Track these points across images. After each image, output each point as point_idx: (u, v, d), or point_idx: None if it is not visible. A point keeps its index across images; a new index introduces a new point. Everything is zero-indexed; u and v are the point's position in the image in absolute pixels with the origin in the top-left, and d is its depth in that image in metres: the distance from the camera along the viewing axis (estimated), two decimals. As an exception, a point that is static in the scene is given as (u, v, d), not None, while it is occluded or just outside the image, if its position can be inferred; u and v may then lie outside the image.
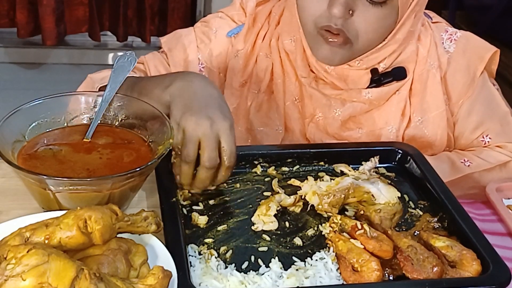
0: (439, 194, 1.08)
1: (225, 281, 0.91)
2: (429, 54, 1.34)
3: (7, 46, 3.55)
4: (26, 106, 1.07)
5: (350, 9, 1.19)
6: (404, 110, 1.33)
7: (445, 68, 1.35)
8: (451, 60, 1.35)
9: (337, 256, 0.96)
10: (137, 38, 3.59)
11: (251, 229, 1.03)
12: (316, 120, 1.35)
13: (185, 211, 1.05)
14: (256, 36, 1.39)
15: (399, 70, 1.32)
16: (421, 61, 1.33)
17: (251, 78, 1.39)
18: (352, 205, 1.08)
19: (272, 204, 1.05)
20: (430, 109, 1.34)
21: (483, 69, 1.36)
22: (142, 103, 1.12)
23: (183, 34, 1.42)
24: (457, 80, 1.35)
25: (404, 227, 1.05)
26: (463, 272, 0.92)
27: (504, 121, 1.37)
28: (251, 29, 1.39)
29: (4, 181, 1.13)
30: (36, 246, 0.78)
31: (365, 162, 1.12)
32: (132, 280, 0.81)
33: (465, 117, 1.36)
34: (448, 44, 1.37)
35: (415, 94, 1.34)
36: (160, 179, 1.08)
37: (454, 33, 1.38)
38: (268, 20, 1.40)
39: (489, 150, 1.34)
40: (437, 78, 1.33)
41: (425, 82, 1.33)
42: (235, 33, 1.40)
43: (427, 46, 1.34)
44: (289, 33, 1.34)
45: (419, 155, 1.18)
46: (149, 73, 1.37)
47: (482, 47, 1.38)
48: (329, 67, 1.30)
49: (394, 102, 1.33)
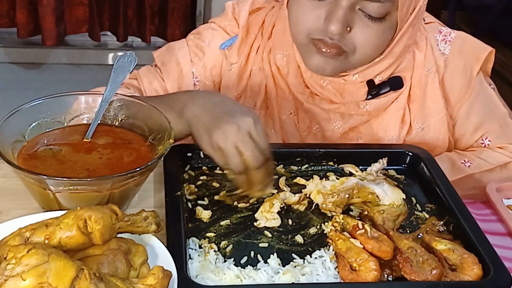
0: (446, 198, 1.07)
1: (222, 275, 0.92)
2: (426, 58, 1.32)
3: (7, 46, 3.55)
4: (26, 106, 1.07)
5: (348, 26, 1.16)
6: (403, 118, 1.32)
7: (442, 72, 1.33)
8: (448, 62, 1.34)
9: (336, 254, 0.97)
10: (137, 38, 3.59)
11: (253, 225, 1.03)
12: (314, 132, 1.33)
13: (190, 205, 1.06)
14: (250, 49, 1.36)
15: (396, 80, 1.30)
16: (419, 66, 1.32)
17: (245, 92, 1.37)
18: (357, 206, 1.08)
19: (276, 201, 1.06)
20: (431, 114, 1.33)
21: (479, 69, 1.35)
22: (142, 103, 1.12)
23: (176, 48, 1.40)
24: (455, 82, 1.34)
25: (408, 229, 1.05)
26: (463, 276, 0.92)
27: (503, 122, 1.36)
28: (244, 40, 1.36)
29: (4, 181, 1.13)
30: (36, 246, 0.78)
31: (374, 163, 1.13)
32: (132, 280, 0.81)
33: (464, 119, 1.36)
34: (443, 46, 1.35)
35: (414, 100, 1.32)
36: (167, 172, 1.09)
37: (448, 34, 1.36)
38: (261, 30, 1.37)
39: (490, 151, 1.33)
40: (436, 83, 1.32)
41: (424, 87, 1.32)
42: (228, 45, 1.37)
43: (424, 50, 1.32)
44: (281, 48, 1.32)
45: (430, 158, 1.18)
46: (142, 89, 1.35)
47: (477, 47, 1.37)
48: (324, 82, 1.28)
49: (393, 111, 1.32)
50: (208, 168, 1.15)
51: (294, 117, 1.34)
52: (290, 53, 1.32)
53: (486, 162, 1.30)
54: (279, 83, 1.34)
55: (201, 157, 1.16)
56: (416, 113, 1.32)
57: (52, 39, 3.33)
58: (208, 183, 1.12)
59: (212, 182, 1.13)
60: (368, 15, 1.16)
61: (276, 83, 1.34)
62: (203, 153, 1.15)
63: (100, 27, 3.48)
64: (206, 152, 1.07)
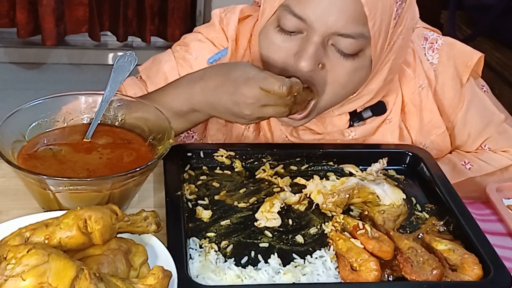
0: (446, 198, 1.07)
1: (222, 275, 0.92)
2: (417, 74, 1.28)
3: (7, 46, 3.55)
4: (26, 106, 1.07)
5: (320, 63, 1.11)
6: (401, 135, 1.28)
7: (434, 84, 1.30)
8: (438, 73, 1.30)
9: (336, 254, 0.97)
10: (137, 38, 3.59)
11: (254, 225, 1.03)
12: None
13: (190, 205, 1.06)
14: None
15: (378, 105, 1.26)
16: (410, 83, 1.28)
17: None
18: (357, 206, 1.08)
19: (277, 201, 1.06)
20: (431, 132, 1.30)
21: (468, 76, 1.31)
22: (142, 103, 1.12)
23: (163, 60, 1.35)
24: (446, 91, 1.31)
25: (408, 229, 1.04)
26: (463, 276, 0.92)
27: (500, 128, 1.33)
28: (234, 55, 1.31)
29: (4, 181, 1.13)
30: (36, 246, 0.78)
31: (374, 163, 1.13)
32: (132, 280, 0.81)
33: (460, 129, 1.33)
34: (431, 55, 1.31)
35: (410, 119, 1.29)
36: (167, 172, 1.09)
37: (435, 41, 1.32)
38: (249, 44, 1.31)
39: (492, 153, 1.32)
40: (430, 97, 1.28)
41: (419, 105, 1.28)
42: (217, 59, 1.31)
43: (413, 65, 1.28)
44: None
45: (430, 159, 1.18)
46: None
47: (466, 53, 1.32)
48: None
49: (387, 132, 1.28)
50: (208, 168, 1.15)
51: (289, 140, 1.29)
52: None
53: (487, 165, 1.29)
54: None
55: (201, 157, 1.16)
56: (416, 132, 1.29)
57: (52, 39, 3.33)
58: (208, 183, 1.12)
59: (212, 182, 1.13)
60: (341, 51, 1.11)
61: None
62: (203, 152, 1.15)
63: (100, 27, 3.48)
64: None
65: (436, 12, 2.99)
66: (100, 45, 3.58)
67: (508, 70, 2.39)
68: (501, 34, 2.48)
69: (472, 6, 2.62)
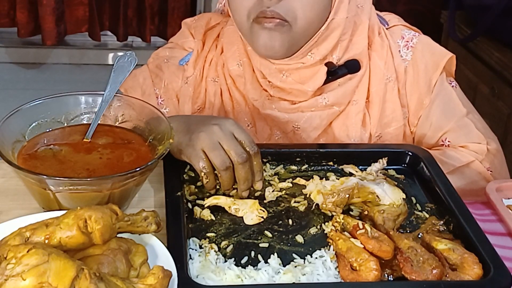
0: (446, 198, 1.07)
1: (222, 275, 0.92)
2: (386, 66, 1.32)
3: (7, 46, 3.55)
4: (26, 106, 1.08)
5: None
6: (364, 122, 1.32)
7: (402, 79, 1.33)
8: (408, 69, 1.34)
9: (336, 254, 0.97)
10: (137, 38, 3.60)
11: (253, 225, 1.03)
12: (276, 139, 1.33)
13: (190, 206, 1.06)
14: (204, 61, 1.37)
15: (353, 63, 1.30)
16: (378, 73, 1.32)
17: (204, 104, 1.37)
18: (357, 205, 1.08)
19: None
20: (389, 124, 1.33)
21: (438, 76, 1.34)
22: (143, 103, 1.12)
23: (138, 73, 1.41)
24: (414, 89, 1.34)
25: (408, 228, 1.04)
26: (463, 275, 0.92)
27: (461, 122, 1.34)
28: (200, 54, 1.37)
29: (4, 181, 1.13)
30: (36, 246, 0.78)
31: (374, 163, 1.13)
32: (132, 280, 0.81)
33: (423, 121, 1.35)
34: (405, 52, 1.35)
35: (373, 108, 1.32)
36: (167, 172, 1.09)
37: (411, 40, 1.35)
38: (216, 43, 1.38)
39: (452, 151, 1.32)
40: (395, 91, 1.32)
41: (383, 96, 1.32)
42: (187, 60, 1.38)
43: (384, 57, 1.32)
44: (235, 59, 1.33)
45: (430, 158, 1.18)
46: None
47: (437, 53, 1.35)
48: (283, 75, 1.28)
49: (353, 113, 1.31)
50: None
51: (252, 128, 1.34)
52: (244, 60, 1.32)
53: (448, 163, 1.28)
54: (235, 95, 1.34)
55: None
56: (375, 121, 1.32)
57: (52, 39, 3.34)
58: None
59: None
60: None
61: (232, 95, 1.35)
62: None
63: (100, 27, 3.48)
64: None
65: (436, 12, 2.99)
66: (100, 45, 3.58)
67: (508, 70, 2.39)
68: (501, 34, 2.48)
69: (472, 6, 2.62)
